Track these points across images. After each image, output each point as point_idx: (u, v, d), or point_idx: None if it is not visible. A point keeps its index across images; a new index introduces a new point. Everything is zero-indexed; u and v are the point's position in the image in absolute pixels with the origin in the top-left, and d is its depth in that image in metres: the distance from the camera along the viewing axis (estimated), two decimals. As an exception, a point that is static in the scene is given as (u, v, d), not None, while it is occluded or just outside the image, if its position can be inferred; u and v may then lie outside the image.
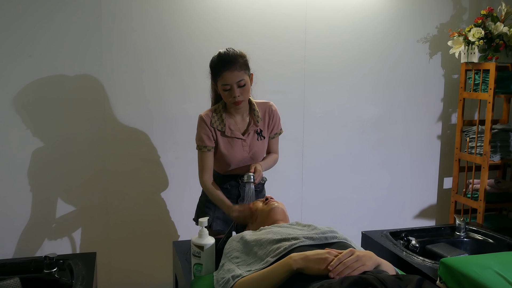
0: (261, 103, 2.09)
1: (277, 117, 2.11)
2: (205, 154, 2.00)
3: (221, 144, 2.00)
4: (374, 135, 3.06)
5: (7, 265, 1.81)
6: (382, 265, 1.35)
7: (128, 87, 2.56)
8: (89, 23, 2.45)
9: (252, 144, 2.04)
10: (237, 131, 2.01)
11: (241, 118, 2.04)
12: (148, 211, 2.69)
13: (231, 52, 1.89)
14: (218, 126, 1.98)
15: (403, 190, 3.18)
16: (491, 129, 2.83)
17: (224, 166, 2.05)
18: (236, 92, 1.88)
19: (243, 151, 2.02)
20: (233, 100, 1.90)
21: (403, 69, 3.05)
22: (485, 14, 2.79)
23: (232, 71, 1.86)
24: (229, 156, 2.00)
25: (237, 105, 1.92)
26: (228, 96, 1.90)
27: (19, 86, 2.40)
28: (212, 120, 1.98)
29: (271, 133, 2.12)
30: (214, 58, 1.92)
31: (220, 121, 1.98)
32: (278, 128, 2.14)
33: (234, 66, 1.86)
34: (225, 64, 1.86)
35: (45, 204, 2.52)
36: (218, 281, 1.45)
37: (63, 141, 2.50)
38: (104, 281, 2.66)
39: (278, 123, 2.13)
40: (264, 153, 2.12)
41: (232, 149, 2.00)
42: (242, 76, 1.88)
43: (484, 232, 2.17)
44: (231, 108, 2.00)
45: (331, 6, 2.83)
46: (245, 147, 2.02)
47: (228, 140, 2.00)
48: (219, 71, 1.88)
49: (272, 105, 2.11)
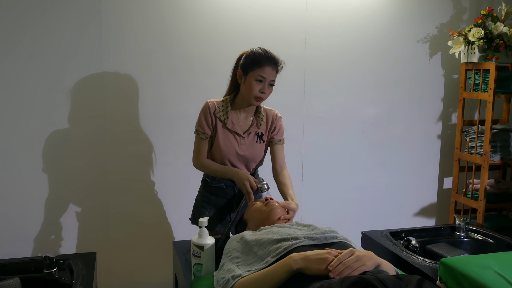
0: (268, 109, 2.12)
1: (280, 125, 2.11)
2: (201, 140, 2.04)
3: (219, 135, 2.02)
4: (374, 135, 3.06)
5: (7, 265, 1.81)
6: (382, 265, 1.36)
7: (128, 87, 2.56)
8: (89, 23, 2.45)
9: (250, 145, 2.05)
10: (239, 127, 2.03)
11: (245, 116, 2.06)
12: (148, 211, 2.69)
13: (275, 54, 1.98)
14: (221, 117, 2.01)
15: (403, 190, 3.18)
16: (491, 129, 2.83)
17: (218, 160, 2.05)
18: (266, 89, 1.95)
19: (239, 148, 2.03)
20: (259, 94, 1.94)
21: (403, 69, 3.05)
22: (485, 14, 2.79)
23: (273, 69, 1.95)
24: (225, 149, 2.01)
25: (258, 100, 1.97)
26: (257, 88, 1.94)
27: (19, 86, 2.40)
28: (217, 110, 2.01)
29: (273, 138, 2.10)
30: (258, 50, 1.96)
31: (224, 112, 2.02)
32: (281, 135, 2.12)
33: (276, 66, 1.96)
34: (271, 60, 1.94)
35: (45, 204, 2.52)
36: (218, 281, 1.45)
37: (63, 141, 2.50)
38: (104, 281, 2.66)
39: (280, 131, 2.12)
40: (261, 156, 2.12)
41: (229, 143, 2.02)
42: (275, 78, 1.98)
43: (484, 232, 2.17)
44: (241, 104, 2.03)
45: (331, 6, 2.83)
46: (241, 145, 2.03)
47: (227, 133, 2.02)
48: (261, 63, 1.92)
49: (278, 114, 2.13)
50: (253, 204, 1.87)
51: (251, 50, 1.97)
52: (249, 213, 1.85)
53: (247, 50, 1.99)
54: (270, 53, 1.96)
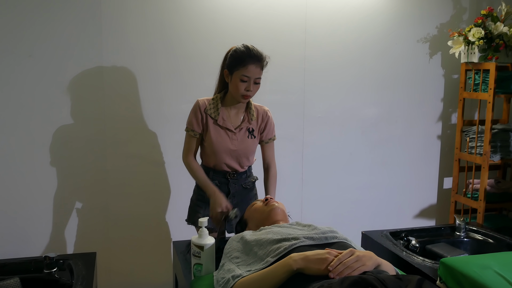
0: (259, 105, 2.14)
1: (270, 123, 2.14)
2: (191, 137, 2.07)
3: (211, 131, 2.04)
4: (374, 135, 3.06)
5: (7, 265, 1.81)
6: (382, 265, 1.35)
7: (128, 87, 2.56)
8: (89, 23, 2.45)
9: (242, 140, 2.07)
10: (230, 123, 2.05)
11: (236, 112, 2.08)
12: (148, 211, 2.69)
13: (259, 50, 1.96)
14: (212, 114, 2.03)
15: (403, 190, 3.18)
16: (491, 129, 2.83)
17: (211, 156, 2.07)
18: (251, 87, 1.94)
19: (231, 144, 2.05)
20: (245, 93, 1.95)
21: (403, 69, 3.05)
22: (485, 14, 2.79)
23: (257, 66, 1.93)
24: (217, 145, 2.03)
25: (245, 99, 1.98)
26: (242, 87, 1.94)
27: (19, 86, 2.40)
28: (208, 107, 2.04)
29: (265, 137, 2.14)
30: (240, 49, 1.95)
31: (215, 109, 2.03)
32: (272, 133, 2.16)
33: (260, 63, 1.94)
34: (254, 57, 1.92)
35: (45, 204, 2.52)
36: (218, 281, 1.45)
37: (63, 141, 2.50)
38: (104, 281, 2.66)
39: (271, 129, 2.15)
40: (253, 151, 2.14)
41: (221, 139, 2.04)
42: (261, 75, 1.96)
43: (484, 232, 2.17)
44: (231, 101, 2.04)
45: (331, 6, 2.83)
46: (233, 141, 2.05)
47: (218, 129, 2.04)
48: (244, 62, 1.91)
49: (268, 111, 2.15)
50: (253, 204, 1.88)
51: (234, 49, 1.98)
52: (249, 213, 1.85)
53: (232, 48, 1.99)
54: (253, 51, 1.94)
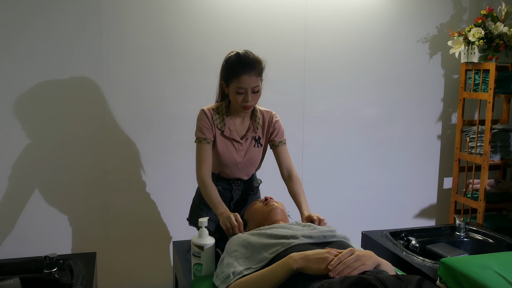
0: (265, 110, 2.03)
1: (279, 126, 2.03)
2: (204, 146, 1.91)
3: (218, 142, 1.95)
4: (374, 135, 3.06)
5: (7, 265, 1.81)
6: (382, 265, 1.36)
7: (128, 87, 2.56)
8: (89, 23, 2.45)
9: (248, 150, 1.99)
10: (236, 133, 1.97)
11: (241, 121, 1.98)
12: (148, 211, 2.69)
13: (251, 56, 1.82)
14: (218, 124, 1.93)
15: (403, 190, 3.18)
16: (491, 129, 2.83)
17: (217, 165, 2.00)
18: (250, 97, 1.82)
19: (237, 155, 1.97)
20: (244, 104, 1.83)
21: (403, 69, 3.05)
22: (485, 14, 2.79)
23: (251, 75, 1.79)
24: (224, 156, 1.96)
25: (247, 109, 1.87)
26: (240, 99, 1.83)
27: (19, 86, 2.40)
28: (214, 117, 1.93)
29: (274, 141, 2.03)
30: (232, 58, 1.83)
31: (221, 119, 1.94)
32: (281, 136, 2.04)
33: (253, 71, 1.79)
34: (245, 67, 1.78)
35: (45, 204, 2.52)
36: (217, 276, 1.46)
37: (63, 141, 2.50)
38: (104, 281, 2.66)
39: (280, 132, 2.03)
40: (259, 160, 2.06)
41: (227, 150, 1.96)
42: (258, 82, 1.82)
43: (484, 232, 2.17)
44: (235, 110, 1.94)
45: (331, 6, 2.83)
46: (240, 152, 1.97)
47: (225, 140, 1.96)
48: (236, 73, 1.79)
49: (275, 115, 2.04)
50: (253, 204, 1.88)
51: (226, 59, 1.86)
52: (249, 213, 1.85)
53: (228, 54, 1.87)
54: (244, 59, 1.80)
